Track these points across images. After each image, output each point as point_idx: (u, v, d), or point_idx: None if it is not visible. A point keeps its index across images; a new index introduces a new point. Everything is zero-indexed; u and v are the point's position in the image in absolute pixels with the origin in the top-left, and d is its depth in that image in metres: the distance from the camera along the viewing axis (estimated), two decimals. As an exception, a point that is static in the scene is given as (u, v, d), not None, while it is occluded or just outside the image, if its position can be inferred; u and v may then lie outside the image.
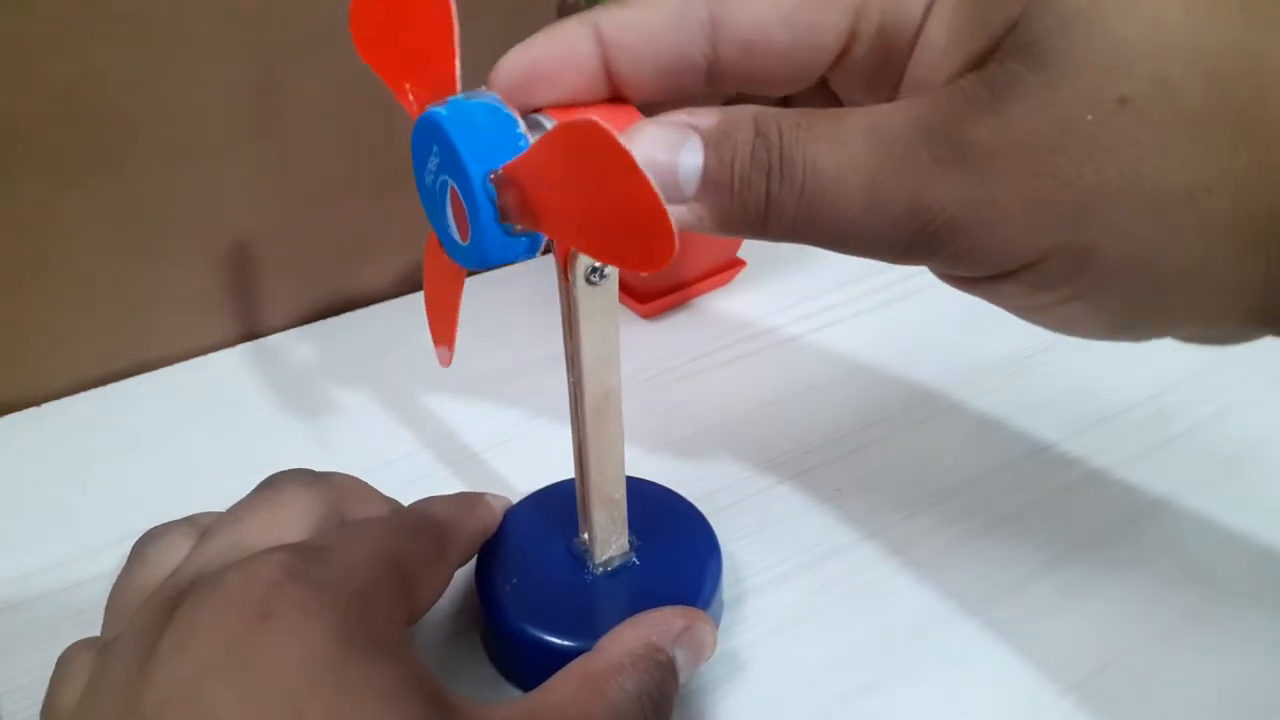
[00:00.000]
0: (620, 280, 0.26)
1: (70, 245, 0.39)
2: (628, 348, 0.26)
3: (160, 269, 0.42)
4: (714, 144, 0.20)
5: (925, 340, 0.42)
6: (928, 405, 0.39)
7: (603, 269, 0.24)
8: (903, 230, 0.20)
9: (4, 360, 0.40)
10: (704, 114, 0.21)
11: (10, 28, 0.35)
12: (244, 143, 0.41)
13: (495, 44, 0.22)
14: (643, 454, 0.37)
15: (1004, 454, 0.36)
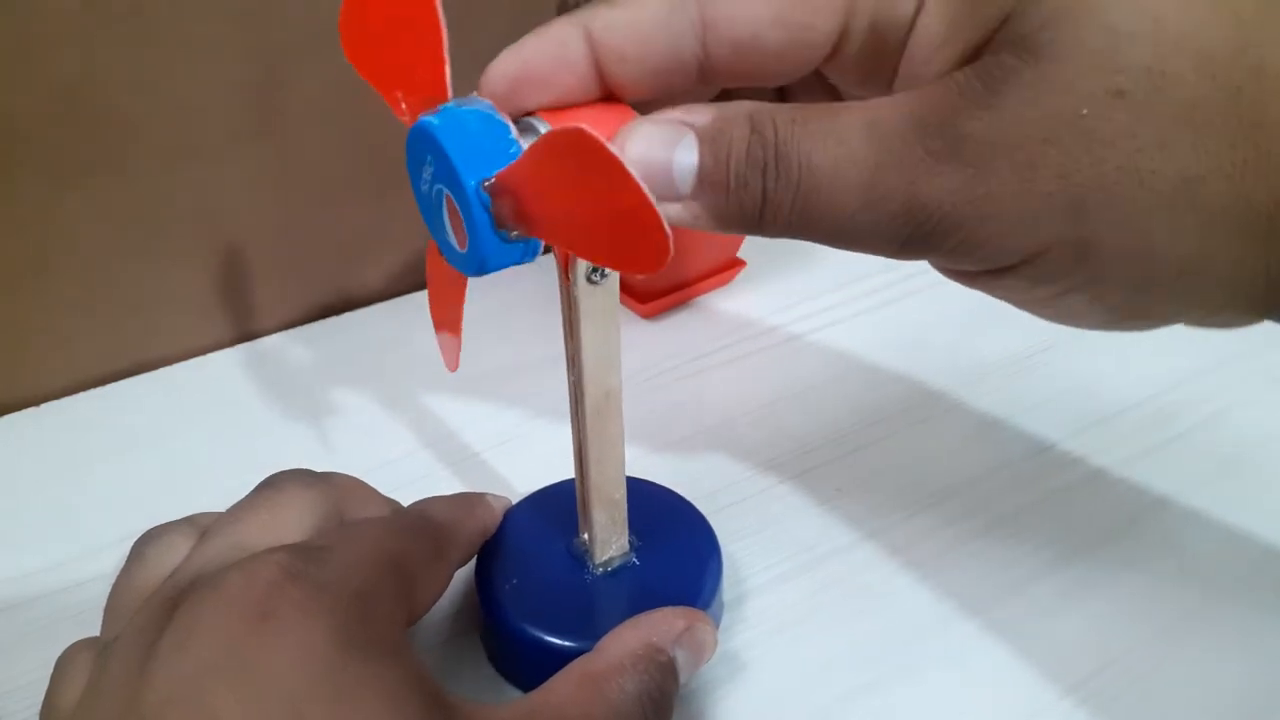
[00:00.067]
0: (620, 280, 0.26)
1: (70, 245, 0.39)
2: (628, 348, 0.26)
3: (160, 269, 0.42)
4: (709, 141, 0.20)
5: (925, 340, 0.42)
6: (928, 405, 0.39)
7: (603, 268, 0.24)
8: (899, 225, 0.20)
9: (4, 360, 0.40)
10: (698, 111, 0.21)
11: (10, 28, 0.35)
12: (244, 143, 0.41)
13: (495, 44, 0.22)
14: (643, 454, 0.37)
15: (1004, 454, 0.36)
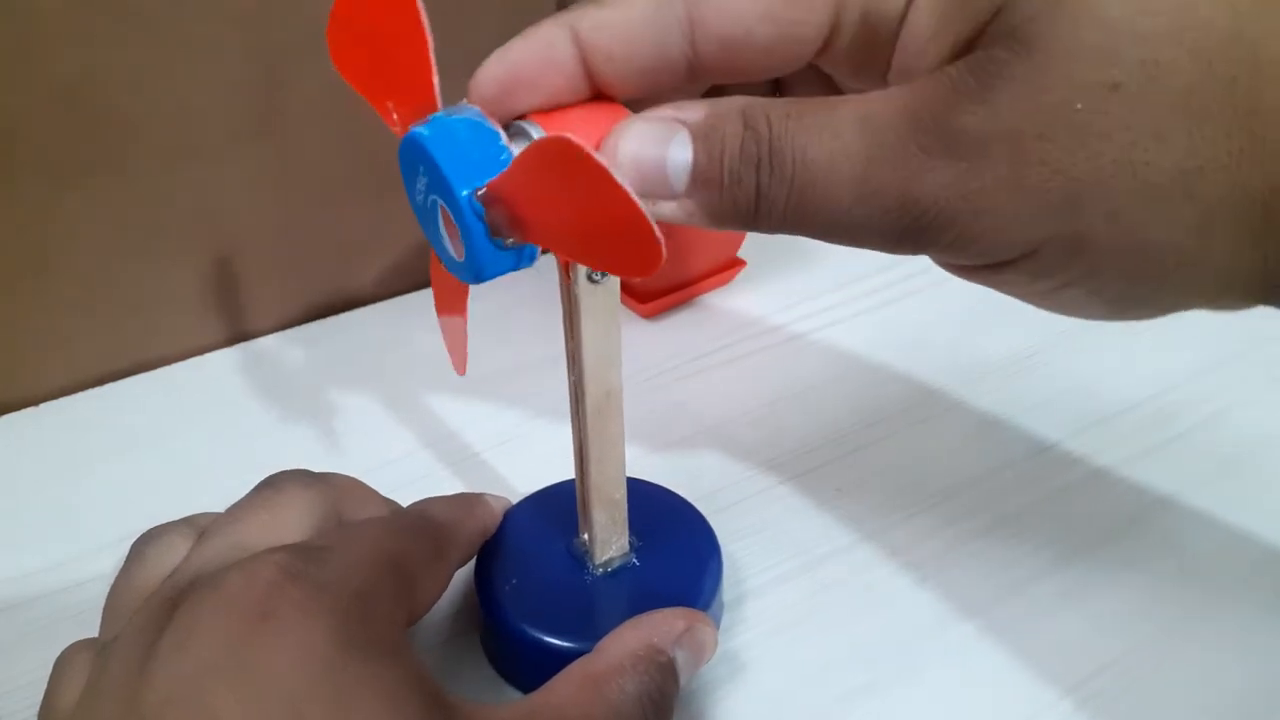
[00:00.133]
0: (620, 280, 0.26)
1: (70, 245, 0.39)
2: (628, 348, 0.26)
3: (160, 269, 0.42)
4: (702, 138, 0.20)
5: (925, 340, 0.42)
6: (928, 405, 0.39)
7: (603, 269, 0.24)
8: (894, 221, 0.20)
9: (4, 360, 0.40)
10: (691, 107, 0.20)
11: (10, 28, 0.35)
12: (244, 143, 0.41)
13: (489, 44, 0.22)
14: (643, 454, 0.37)
15: (1004, 454, 0.36)
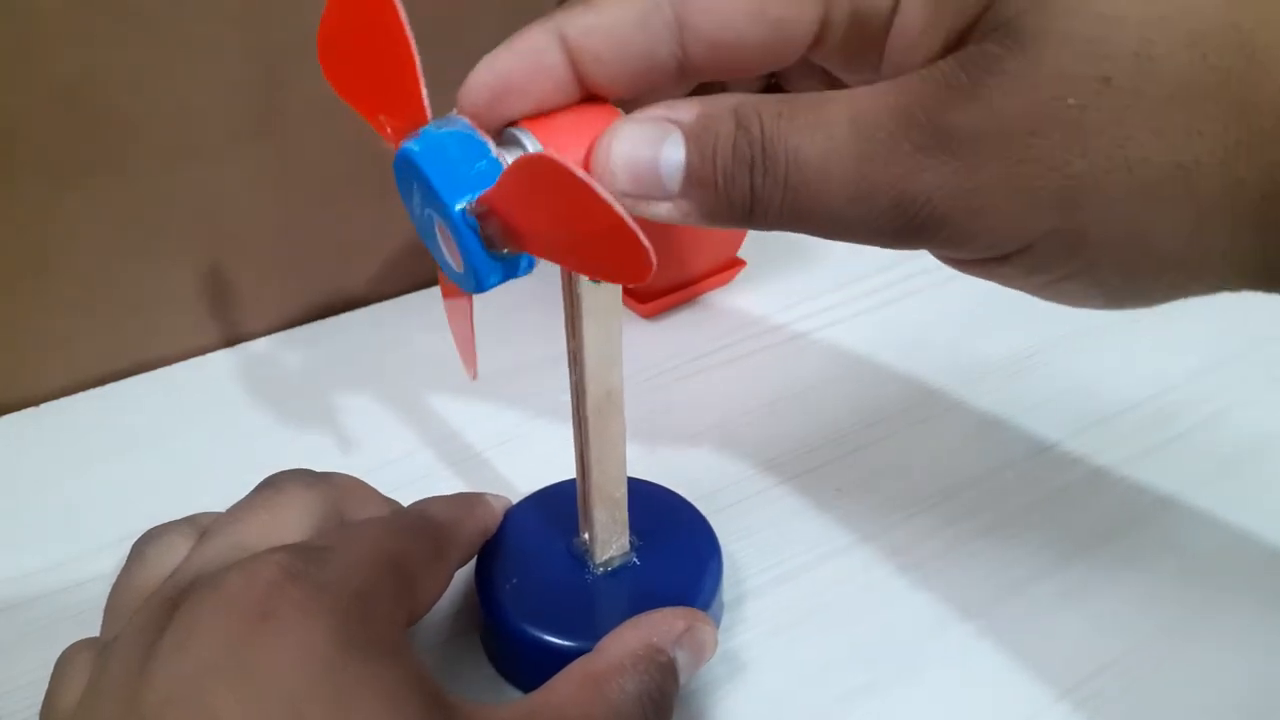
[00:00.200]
0: (620, 281, 0.26)
1: (70, 245, 0.39)
2: (628, 348, 0.26)
3: (160, 269, 0.42)
4: (695, 138, 0.20)
5: (925, 340, 0.42)
6: (928, 405, 0.39)
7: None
8: (890, 219, 0.20)
9: (4, 360, 0.40)
10: (683, 107, 0.20)
11: (10, 28, 0.35)
12: (244, 143, 0.41)
13: (487, 45, 0.22)
14: (643, 454, 0.37)
15: (1004, 454, 0.36)
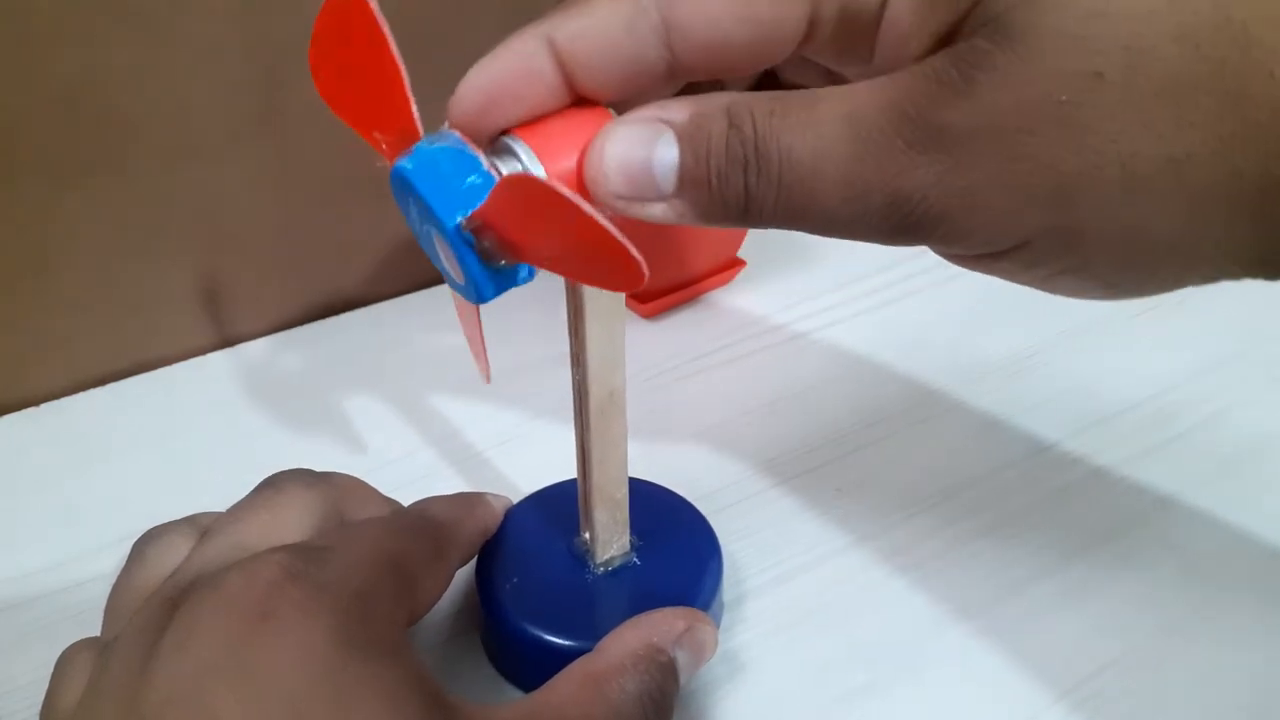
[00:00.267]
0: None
1: (70, 245, 0.39)
2: (628, 347, 0.26)
3: (160, 269, 0.42)
4: (687, 138, 0.20)
5: (925, 340, 0.42)
6: (928, 405, 0.39)
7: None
8: (884, 217, 0.20)
9: (4, 360, 0.40)
10: (675, 107, 0.20)
11: (10, 28, 0.35)
12: (244, 143, 0.41)
13: (484, 47, 0.22)
14: (643, 454, 0.36)
15: (1004, 454, 0.36)
